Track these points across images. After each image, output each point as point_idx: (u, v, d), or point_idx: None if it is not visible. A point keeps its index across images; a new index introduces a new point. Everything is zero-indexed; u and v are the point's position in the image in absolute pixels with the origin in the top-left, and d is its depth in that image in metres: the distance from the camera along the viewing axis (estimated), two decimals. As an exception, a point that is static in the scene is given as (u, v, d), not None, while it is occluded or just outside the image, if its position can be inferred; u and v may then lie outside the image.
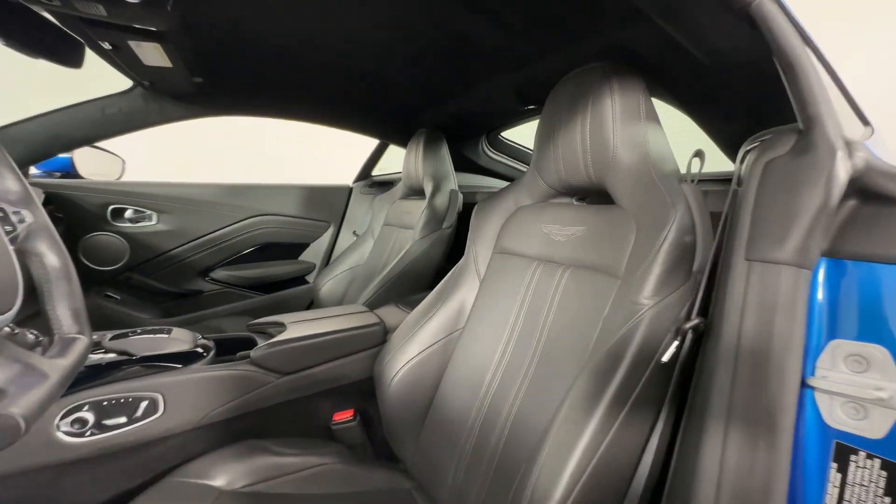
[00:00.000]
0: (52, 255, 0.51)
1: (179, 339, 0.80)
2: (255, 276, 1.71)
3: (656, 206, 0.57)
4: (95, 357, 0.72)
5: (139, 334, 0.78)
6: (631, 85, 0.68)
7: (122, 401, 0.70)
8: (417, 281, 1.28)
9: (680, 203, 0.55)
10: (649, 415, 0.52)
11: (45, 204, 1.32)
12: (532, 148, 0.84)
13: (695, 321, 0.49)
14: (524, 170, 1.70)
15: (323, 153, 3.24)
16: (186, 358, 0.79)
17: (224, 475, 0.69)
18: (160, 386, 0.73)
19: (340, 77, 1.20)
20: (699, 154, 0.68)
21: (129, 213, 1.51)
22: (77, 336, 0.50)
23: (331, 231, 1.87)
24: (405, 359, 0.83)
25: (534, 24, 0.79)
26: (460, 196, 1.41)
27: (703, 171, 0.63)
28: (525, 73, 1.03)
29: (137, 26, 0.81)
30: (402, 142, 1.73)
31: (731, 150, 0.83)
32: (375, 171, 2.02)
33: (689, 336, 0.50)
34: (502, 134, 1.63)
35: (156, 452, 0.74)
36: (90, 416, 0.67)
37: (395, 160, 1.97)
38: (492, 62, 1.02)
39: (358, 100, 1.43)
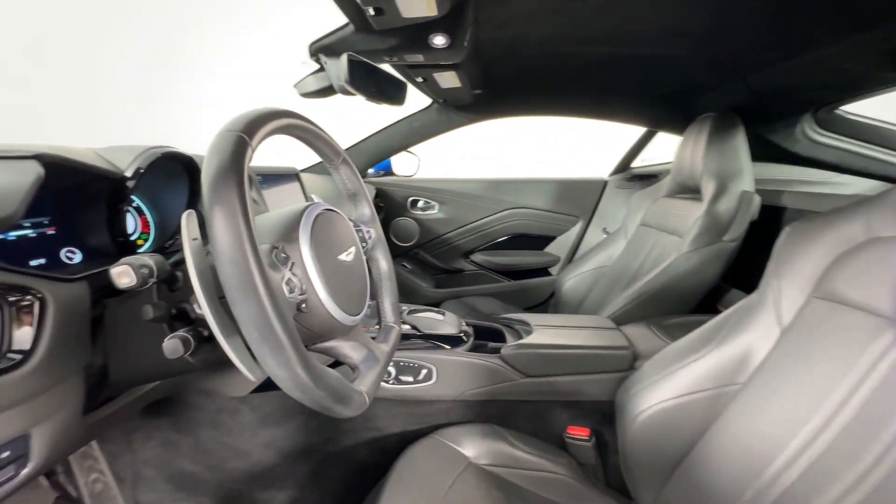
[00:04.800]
0: (384, 261, 0.70)
1: (449, 322, 0.97)
2: (505, 262, 1.89)
3: None
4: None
5: (423, 312, 0.99)
6: None
7: (412, 365, 0.91)
8: (679, 302, 1.09)
9: None
10: None
11: (374, 197, 1.83)
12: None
13: None
14: (877, 157, 1.14)
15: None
16: (453, 341, 0.95)
17: (473, 448, 0.81)
18: (435, 360, 0.91)
19: (613, 68, 1.12)
20: None
21: (420, 204, 1.93)
22: (393, 325, 0.67)
23: (579, 226, 1.84)
24: (657, 398, 0.74)
25: None
26: (756, 200, 1.09)
27: None
28: None
29: (442, 63, 0.98)
30: (678, 128, 1.47)
31: None
32: (636, 163, 1.83)
33: None
34: (842, 109, 1.14)
35: (428, 409, 0.93)
36: (392, 371, 0.91)
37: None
38: (844, 19, 0.71)
39: (630, 88, 1.31)
